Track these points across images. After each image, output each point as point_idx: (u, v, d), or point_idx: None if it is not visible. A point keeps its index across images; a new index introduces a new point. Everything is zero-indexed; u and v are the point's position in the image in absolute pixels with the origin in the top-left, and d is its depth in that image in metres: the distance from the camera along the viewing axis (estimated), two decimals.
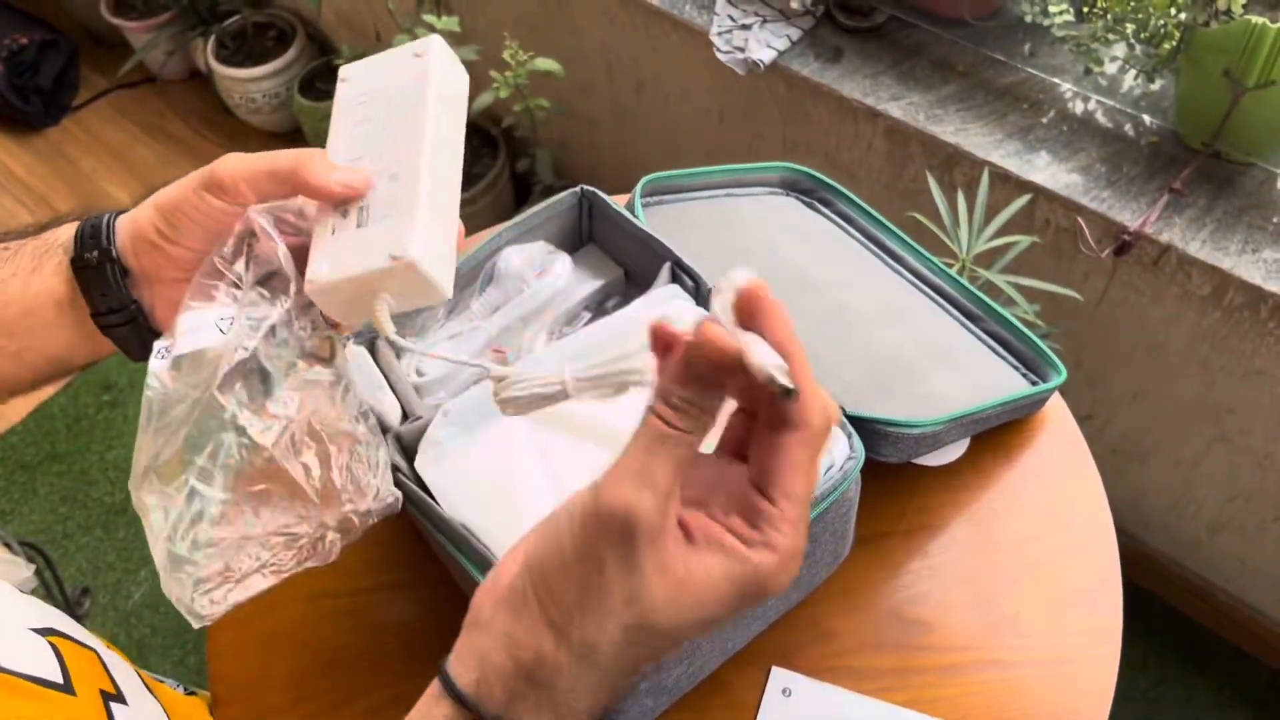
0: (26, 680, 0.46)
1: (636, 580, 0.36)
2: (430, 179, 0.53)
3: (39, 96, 2.49)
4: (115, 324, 0.56)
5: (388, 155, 0.54)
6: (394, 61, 0.58)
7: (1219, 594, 1.53)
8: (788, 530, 0.37)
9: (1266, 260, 1.11)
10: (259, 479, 0.53)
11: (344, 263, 0.52)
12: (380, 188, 0.53)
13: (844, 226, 0.92)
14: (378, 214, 0.52)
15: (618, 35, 1.63)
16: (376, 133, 0.55)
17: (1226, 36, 1.05)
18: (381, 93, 0.57)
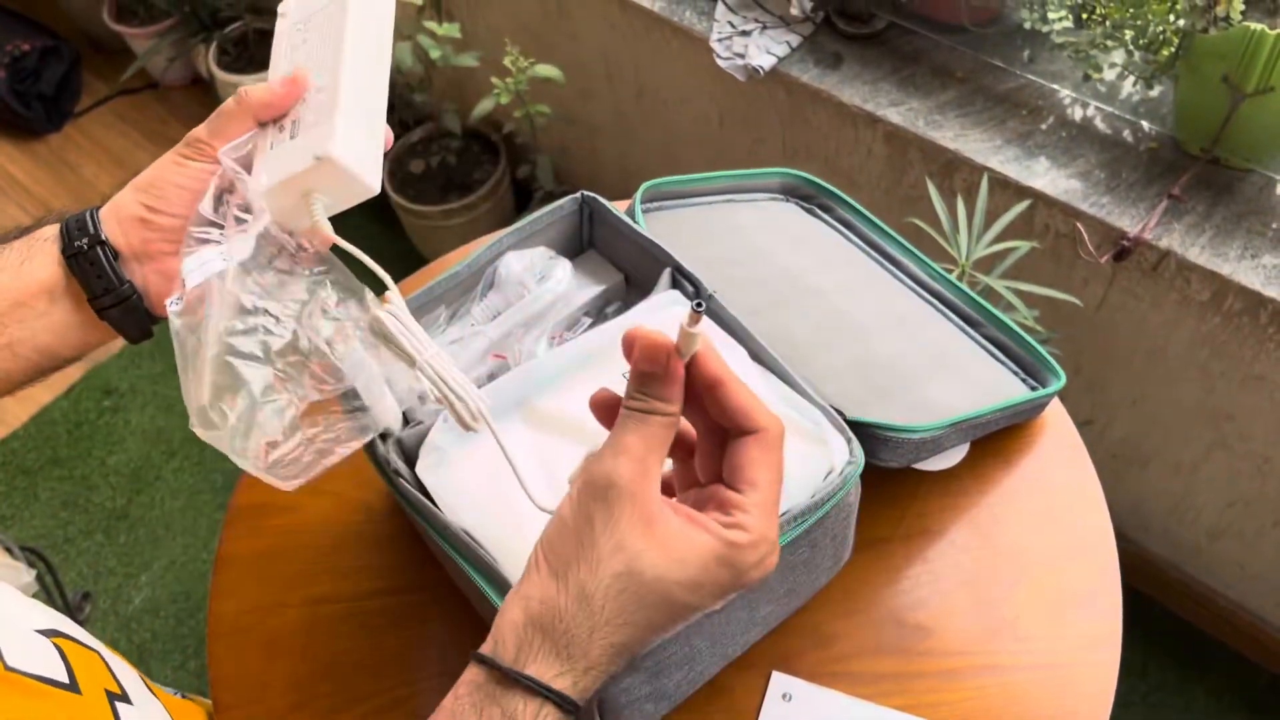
0: (35, 680, 0.47)
1: (620, 530, 0.43)
2: (350, 85, 0.58)
3: (41, 103, 2.50)
4: (110, 305, 0.59)
5: (314, 71, 0.60)
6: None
7: (1219, 599, 1.53)
8: (754, 513, 0.44)
9: (1266, 266, 1.11)
10: (292, 353, 0.58)
11: (278, 169, 0.57)
12: (309, 100, 0.59)
13: (844, 232, 0.92)
14: (306, 123, 0.58)
15: (618, 42, 1.64)
16: (306, 54, 0.61)
17: (1225, 43, 1.05)
18: (312, 19, 0.63)
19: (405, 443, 0.68)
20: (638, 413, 0.44)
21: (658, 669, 0.62)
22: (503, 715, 0.43)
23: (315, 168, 0.56)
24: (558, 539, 0.44)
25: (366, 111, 0.59)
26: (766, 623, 0.71)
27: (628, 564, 0.43)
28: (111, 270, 0.58)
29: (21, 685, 0.46)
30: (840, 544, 0.70)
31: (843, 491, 0.63)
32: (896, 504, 0.81)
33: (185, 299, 0.57)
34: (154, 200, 0.58)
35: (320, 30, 0.62)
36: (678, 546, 0.43)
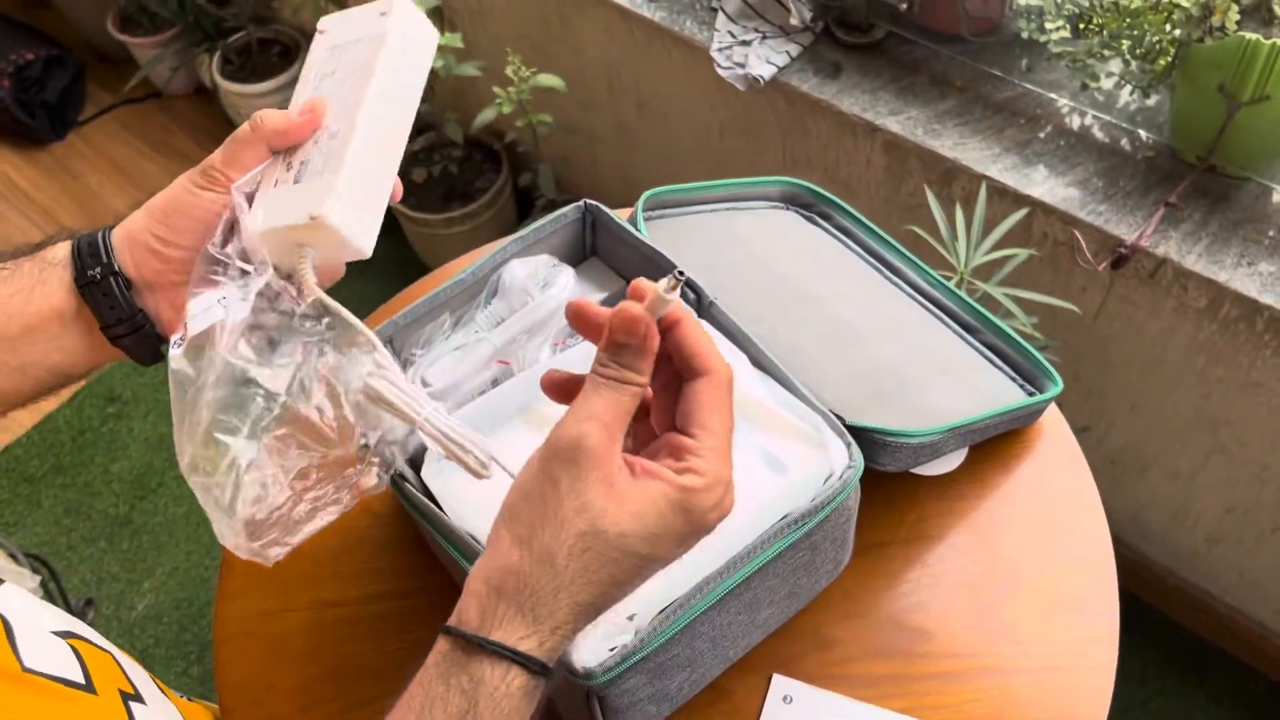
0: (52, 680, 0.48)
1: (585, 490, 0.44)
2: (365, 137, 0.56)
3: (45, 112, 2.51)
4: (123, 334, 0.59)
5: (334, 112, 0.58)
6: (363, 17, 0.61)
7: (1218, 605, 1.54)
8: (708, 455, 0.45)
9: (1262, 273, 1.12)
10: (279, 426, 0.57)
11: (275, 214, 0.56)
12: (322, 141, 0.57)
13: (843, 240, 0.93)
14: (312, 170, 0.56)
15: (619, 51, 1.65)
16: (332, 88, 0.59)
17: (1221, 52, 1.06)
18: (345, 48, 0.60)
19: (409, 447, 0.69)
20: (611, 380, 0.45)
21: (660, 670, 0.63)
22: (470, 680, 0.43)
23: (308, 225, 0.55)
24: (520, 506, 0.45)
25: (376, 167, 0.58)
26: (767, 625, 0.72)
27: (591, 523, 0.44)
28: (124, 299, 0.58)
29: (39, 686, 0.47)
30: (840, 547, 0.71)
31: (842, 495, 0.64)
32: (896, 508, 0.82)
33: (186, 341, 0.56)
34: (165, 231, 0.58)
35: (351, 63, 0.60)
36: (635, 500, 0.44)
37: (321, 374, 0.57)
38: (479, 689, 0.43)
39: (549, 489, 0.44)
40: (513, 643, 0.44)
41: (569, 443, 0.44)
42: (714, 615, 0.63)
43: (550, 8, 1.70)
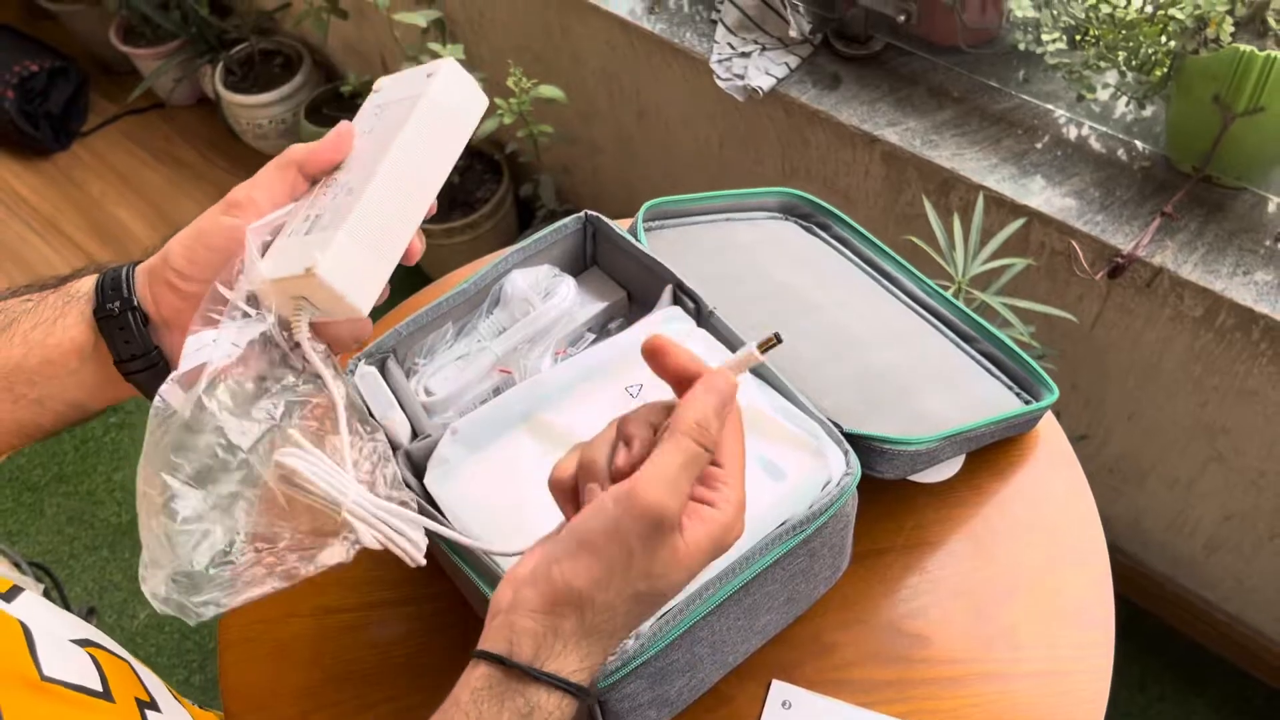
0: (73, 690, 0.48)
1: (655, 562, 0.46)
2: (376, 197, 0.56)
3: (49, 122, 2.53)
4: (137, 370, 0.59)
5: (356, 168, 0.58)
6: (413, 77, 0.61)
7: (1217, 613, 1.54)
8: (733, 481, 0.48)
9: (1258, 282, 1.13)
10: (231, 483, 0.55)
11: (280, 264, 0.55)
12: (338, 196, 0.57)
13: (841, 250, 0.94)
14: (322, 222, 0.56)
15: (619, 63, 1.66)
16: (364, 148, 0.59)
17: (1216, 64, 1.07)
18: (388, 107, 0.60)
19: (413, 455, 0.70)
20: (706, 453, 0.47)
21: (660, 676, 0.64)
22: (526, 704, 0.46)
23: (302, 277, 0.54)
24: (586, 558, 0.46)
25: (388, 225, 0.57)
26: (766, 632, 0.72)
27: (652, 587, 0.47)
28: (139, 335, 0.58)
29: (57, 694, 0.47)
30: (838, 554, 0.71)
31: (840, 502, 0.65)
32: (894, 516, 0.82)
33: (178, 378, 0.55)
34: (185, 265, 0.57)
35: (388, 121, 0.59)
36: (690, 556, 0.47)
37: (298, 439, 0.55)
38: (534, 713, 0.46)
39: (620, 554, 0.46)
40: (566, 674, 0.46)
41: (655, 518, 0.45)
42: (713, 621, 0.64)
43: (551, 19, 1.72)
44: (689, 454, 0.46)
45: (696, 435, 0.46)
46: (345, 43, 2.28)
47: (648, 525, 0.45)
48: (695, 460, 0.46)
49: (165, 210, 2.42)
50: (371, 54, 2.21)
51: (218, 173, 2.47)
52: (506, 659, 0.46)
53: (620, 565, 0.46)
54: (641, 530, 0.45)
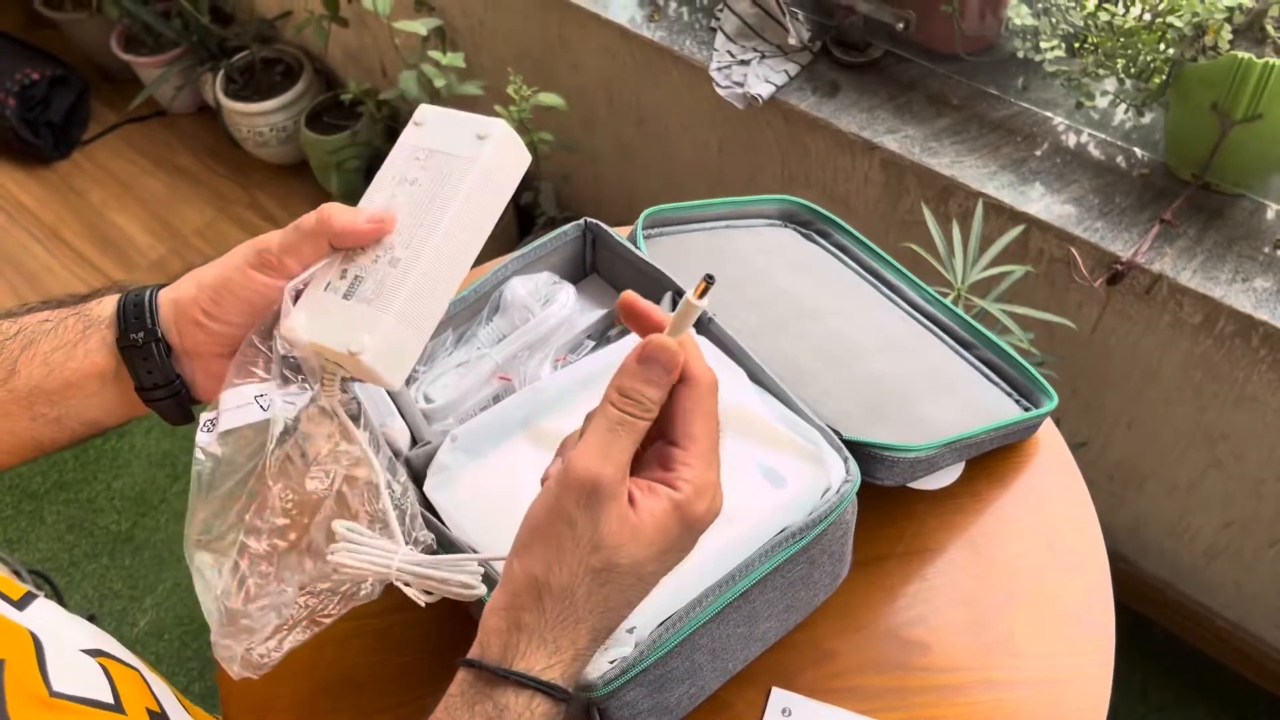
0: (83, 705, 0.48)
1: (600, 530, 0.45)
2: (423, 277, 0.56)
3: (50, 130, 2.53)
4: (159, 398, 0.60)
5: (403, 233, 0.57)
6: (461, 129, 0.60)
7: (1218, 620, 1.54)
8: (695, 463, 0.47)
9: (1256, 289, 1.13)
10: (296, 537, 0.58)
11: (317, 327, 0.56)
12: (381, 263, 0.56)
13: (840, 257, 0.94)
14: (364, 293, 0.56)
15: (619, 71, 1.66)
16: (408, 204, 0.58)
17: (1214, 71, 1.07)
18: (434, 159, 0.59)
19: (413, 462, 0.70)
20: (629, 418, 0.47)
21: (660, 684, 0.64)
22: (495, 707, 0.45)
23: (346, 356, 0.55)
24: (535, 544, 0.47)
25: (429, 306, 0.57)
26: (766, 639, 0.72)
27: (607, 560, 0.46)
28: (162, 365, 0.59)
29: (67, 710, 0.47)
30: (838, 561, 0.71)
31: (840, 509, 0.65)
32: (894, 523, 0.82)
33: (216, 430, 0.57)
34: (213, 308, 0.58)
35: (435, 179, 0.58)
36: (644, 527, 0.46)
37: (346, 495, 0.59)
38: (504, 715, 0.46)
39: (565, 529, 0.46)
40: (535, 672, 0.46)
41: (588, 485, 0.45)
42: (713, 628, 0.64)
43: (551, 28, 1.72)
44: (611, 419, 0.46)
45: (617, 401, 0.47)
46: (346, 51, 2.28)
47: (582, 493, 0.45)
48: (623, 425, 0.46)
49: (166, 218, 2.42)
50: (372, 62, 2.22)
51: (218, 180, 2.47)
52: (476, 661, 0.47)
53: (567, 540, 0.46)
54: (577, 498, 0.45)
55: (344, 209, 0.58)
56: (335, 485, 0.58)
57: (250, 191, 2.45)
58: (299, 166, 2.44)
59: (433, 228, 0.56)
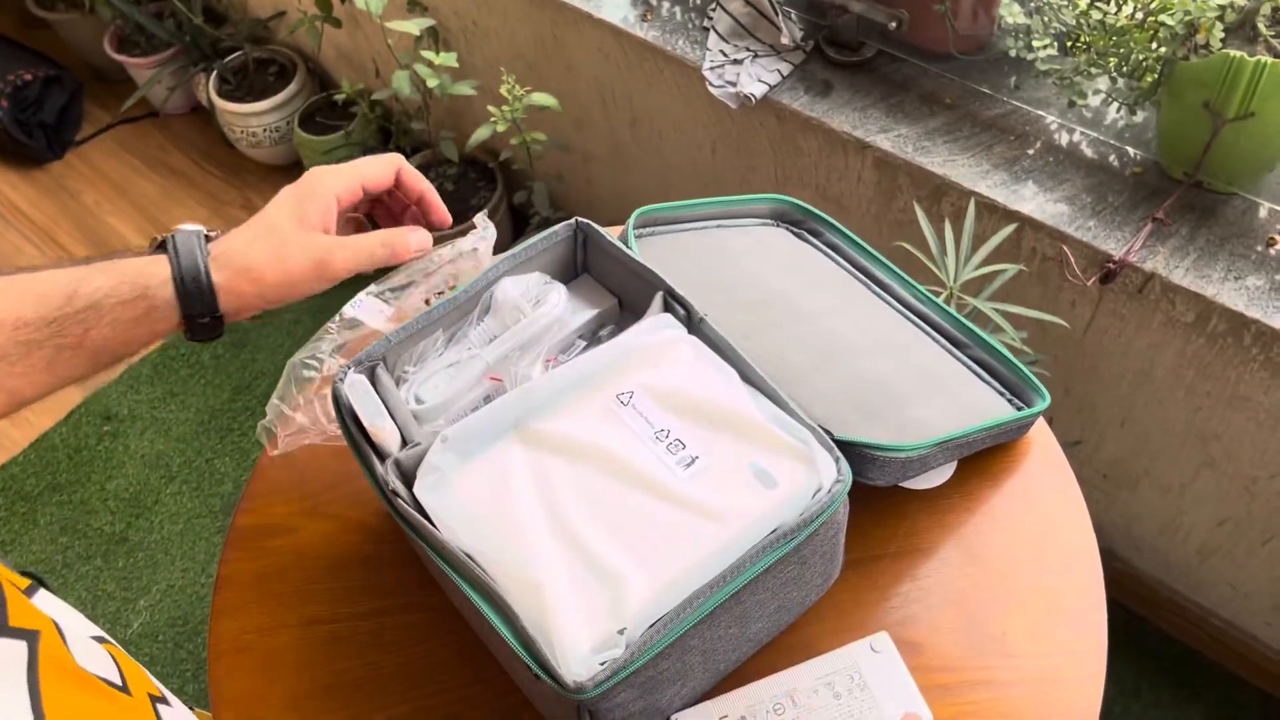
0: (102, 681, 0.49)
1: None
2: None
3: (43, 131, 2.53)
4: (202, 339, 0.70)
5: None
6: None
7: (1211, 618, 1.54)
8: None
9: (1249, 287, 1.13)
10: None
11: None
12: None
13: (833, 257, 0.94)
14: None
15: (612, 71, 1.66)
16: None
17: (1206, 70, 1.08)
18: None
19: (403, 463, 0.70)
20: None
21: (651, 684, 0.63)
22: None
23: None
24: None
25: None
26: (758, 639, 0.72)
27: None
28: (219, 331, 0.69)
29: (91, 684, 0.48)
30: (829, 561, 0.71)
31: (831, 509, 0.65)
32: (886, 523, 0.82)
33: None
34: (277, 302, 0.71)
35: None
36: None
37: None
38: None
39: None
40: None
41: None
42: (704, 629, 0.64)
43: (544, 28, 1.72)
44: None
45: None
46: (339, 51, 2.28)
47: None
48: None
49: (159, 219, 2.42)
50: (365, 62, 2.22)
51: (212, 181, 2.47)
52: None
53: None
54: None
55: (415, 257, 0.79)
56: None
57: (244, 192, 2.45)
58: (293, 167, 2.44)
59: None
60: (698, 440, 0.67)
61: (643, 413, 0.69)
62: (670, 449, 0.67)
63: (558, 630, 0.59)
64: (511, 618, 0.60)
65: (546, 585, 0.61)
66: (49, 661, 0.45)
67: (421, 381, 0.77)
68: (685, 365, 0.71)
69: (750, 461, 0.66)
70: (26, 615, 0.46)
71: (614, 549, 0.63)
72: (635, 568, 0.62)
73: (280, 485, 0.89)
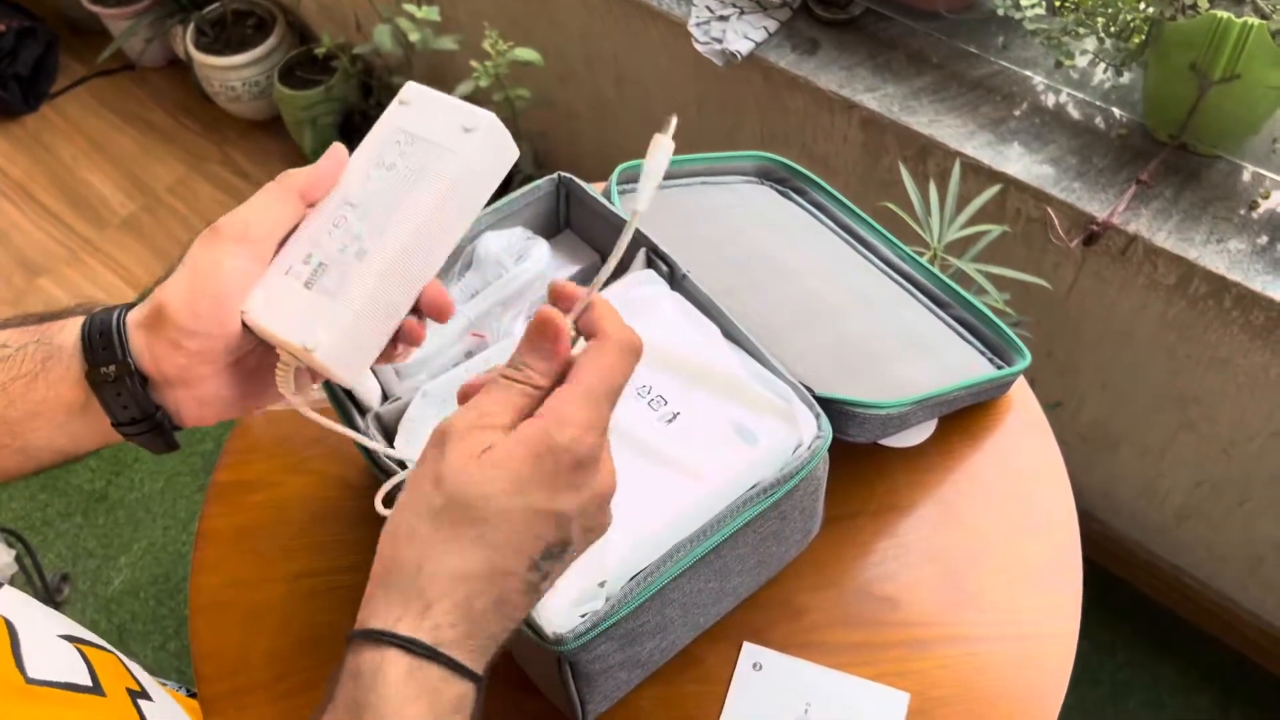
0: (62, 689, 0.47)
1: (443, 465, 0.43)
2: (386, 273, 0.53)
3: (17, 84, 2.48)
4: (138, 432, 0.54)
5: (372, 223, 0.53)
6: (447, 117, 0.56)
7: (1187, 579, 1.56)
8: (567, 396, 0.44)
9: (1230, 250, 1.13)
10: None
11: (273, 315, 0.53)
12: (347, 254, 0.53)
13: (818, 215, 0.94)
14: (326, 284, 0.53)
15: (597, 26, 1.64)
16: (382, 190, 0.54)
17: (1193, 30, 1.07)
18: (415, 146, 0.55)
19: (384, 417, 0.69)
20: (506, 380, 0.46)
21: (631, 637, 0.64)
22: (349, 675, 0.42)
23: (301, 351, 0.52)
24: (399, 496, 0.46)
25: (392, 300, 0.54)
26: (737, 594, 0.73)
27: (450, 493, 0.43)
28: (140, 398, 0.52)
29: (45, 697, 0.45)
30: (809, 517, 0.72)
31: (811, 465, 0.65)
32: (866, 480, 0.83)
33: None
34: (190, 322, 0.51)
35: (415, 167, 0.54)
36: (496, 458, 0.43)
37: None
38: (358, 683, 0.41)
39: (415, 472, 0.45)
40: (385, 625, 0.41)
41: (440, 430, 0.44)
42: (684, 583, 0.64)
43: None
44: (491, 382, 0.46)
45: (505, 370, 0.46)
46: (319, 3, 2.24)
47: (436, 435, 0.45)
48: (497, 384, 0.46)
49: (136, 174, 2.38)
50: (345, 15, 2.18)
51: (190, 136, 2.43)
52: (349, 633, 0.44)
53: (412, 481, 0.44)
54: (430, 443, 0.45)
55: (303, 170, 0.54)
56: None
57: (223, 148, 2.42)
58: (272, 122, 2.40)
59: (404, 222, 0.53)
60: (679, 396, 0.67)
61: None
62: (652, 405, 0.67)
63: None
64: None
65: None
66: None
67: None
68: (667, 321, 0.71)
69: (731, 417, 0.66)
70: None
71: None
72: (616, 521, 0.62)
73: (261, 441, 0.89)
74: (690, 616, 0.68)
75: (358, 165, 0.56)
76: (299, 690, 0.75)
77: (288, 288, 0.53)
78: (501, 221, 0.81)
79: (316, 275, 0.53)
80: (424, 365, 0.75)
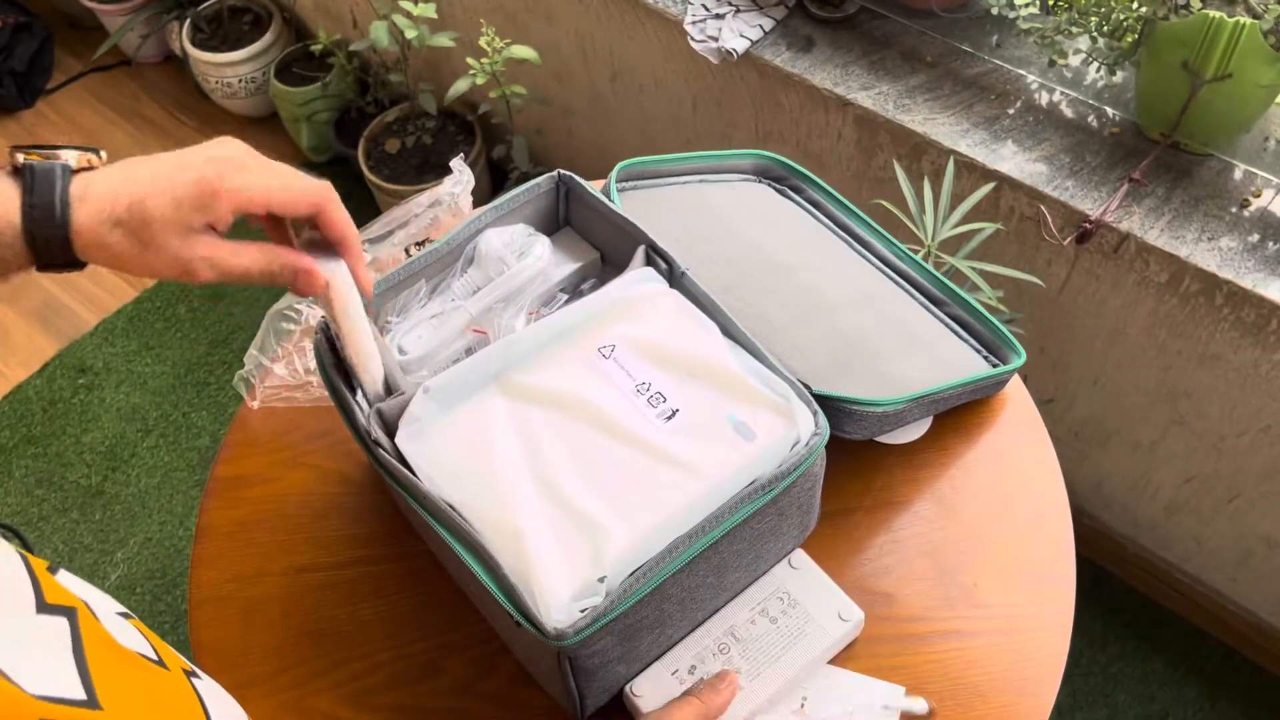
0: (140, 656, 0.48)
1: None
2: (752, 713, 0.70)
3: (13, 79, 2.48)
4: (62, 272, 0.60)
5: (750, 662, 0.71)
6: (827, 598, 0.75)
7: (1176, 573, 1.58)
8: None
9: (1222, 248, 1.14)
10: None
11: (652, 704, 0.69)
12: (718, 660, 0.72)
13: (813, 213, 0.94)
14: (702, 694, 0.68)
15: (593, 23, 1.65)
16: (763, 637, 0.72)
17: (1185, 30, 1.08)
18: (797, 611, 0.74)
19: (385, 413, 0.70)
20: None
21: (629, 632, 0.64)
22: None
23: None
24: None
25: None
26: (735, 589, 0.73)
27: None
28: (74, 267, 0.59)
29: (132, 659, 0.47)
30: (806, 513, 0.72)
31: (808, 462, 0.65)
32: (862, 476, 0.83)
33: None
34: (137, 266, 0.59)
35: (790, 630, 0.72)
36: None
37: None
38: None
39: None
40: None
41: None
42: (682, 578, 0.65)
43: None
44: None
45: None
46: (316, 0, 2.24)
47: None
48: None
49: None
50: (342, 12, 2.18)
51: (186, 132, 2.43)
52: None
53: None
54: None
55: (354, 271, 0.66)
56: None
57: None
58: (269, 119, 2.40)
59: (777, 676, 0.70)
60: (678, 393, 0.68)
61: (624, 366, 0.70)
62: (651, 402, 0.68)
63: (538, 578, 0.60)
64: (493, 566, 0.61)
65: (527, 534, 0.62)
66: (91, 637, 0.44)
67: (405, 332, 0.77)
68: (666, 319, 0.72)
69: (729, 414, 0.67)
70: (59, 593, 0.45)
71: (594, 499, 0.63)
72: (615, 517, 0.63)
73: (260, 436, 0.89)
74: (688, 611, 0.69)
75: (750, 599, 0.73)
76: (299, 683, 0.76)
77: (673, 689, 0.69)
78: (502, 218, 0.82)
79: (691, 672, 0.70)
80: (426, 361, 0.76)
